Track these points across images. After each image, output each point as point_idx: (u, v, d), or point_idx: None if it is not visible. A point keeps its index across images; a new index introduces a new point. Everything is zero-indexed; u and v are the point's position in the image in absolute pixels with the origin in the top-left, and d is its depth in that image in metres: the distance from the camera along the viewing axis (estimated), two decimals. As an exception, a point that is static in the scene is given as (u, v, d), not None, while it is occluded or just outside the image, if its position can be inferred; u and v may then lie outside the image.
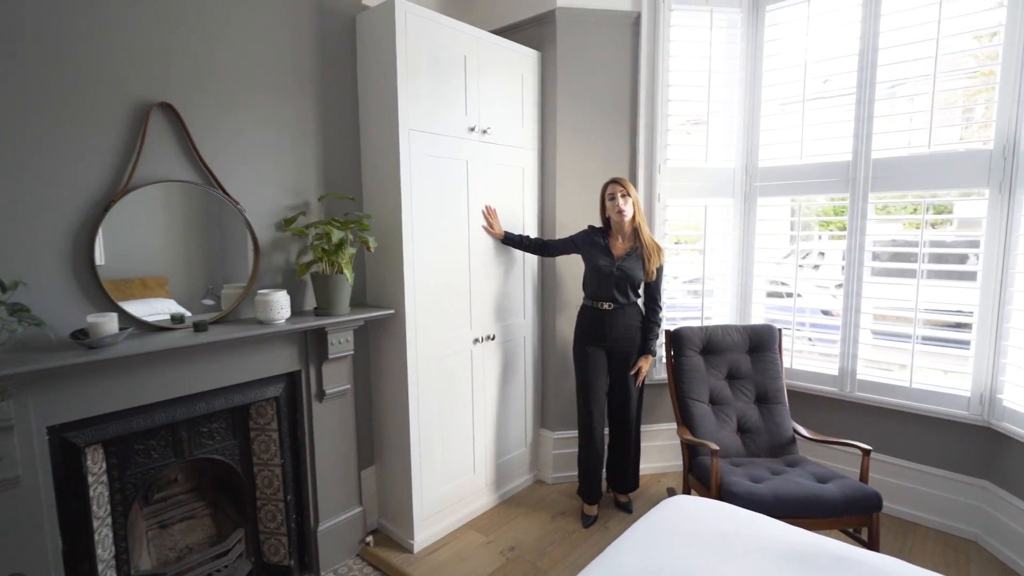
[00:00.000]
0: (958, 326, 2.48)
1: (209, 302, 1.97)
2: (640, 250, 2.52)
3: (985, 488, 2.43)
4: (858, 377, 2.69)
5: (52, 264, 1.62)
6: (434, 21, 2.28)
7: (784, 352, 2.76)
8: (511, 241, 2.65)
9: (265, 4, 2.04)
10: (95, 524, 1.73)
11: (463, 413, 2.59)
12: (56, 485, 1.62)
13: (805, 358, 2.90)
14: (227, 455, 2.12)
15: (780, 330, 2.69)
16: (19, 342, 1.54)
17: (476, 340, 2.61)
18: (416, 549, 2.40)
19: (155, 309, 1.83)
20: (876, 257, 2.71)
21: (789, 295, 2.88)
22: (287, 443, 2.19)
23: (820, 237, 2.99)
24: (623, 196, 2.49)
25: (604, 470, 2.77)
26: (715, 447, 2.12)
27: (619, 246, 2.56)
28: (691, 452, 2.46)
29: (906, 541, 2.47)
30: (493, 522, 2.65)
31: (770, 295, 3.03)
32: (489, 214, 2.58)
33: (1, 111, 1.50)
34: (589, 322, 2.59)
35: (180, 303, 1.89)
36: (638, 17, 2.79)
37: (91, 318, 1.57)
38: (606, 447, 2.74)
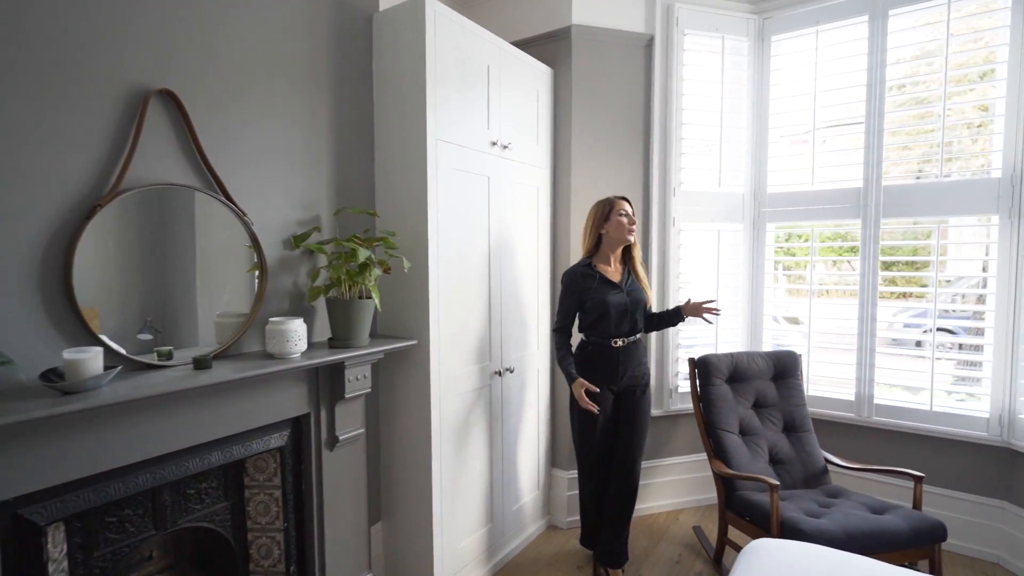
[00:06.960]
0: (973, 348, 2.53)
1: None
2: (633, 270, 2.32)
3: (1004, 509, 2.45)
4: (875, 402, 2.69)
5: (16, 284, 1.24)
6: (460, 25, 2.10)
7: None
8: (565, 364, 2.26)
9: (279, -10, 1.78)
10: (53, 629, 1.30)
11: (480, 457, 2.31)
12: (5, 581, 1.20)
13: (823, 384, 2.87)
14: (216, 521, 1.72)
15: (800, 356, 2.65)
16: (-34, 388, 1.15)
17: (496, 373, 2.36)
18: (437, 619, 2.07)
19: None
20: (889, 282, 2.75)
21: (799, 321, 2.86)
22: (291, 502, 1.82)
23: (836, 263, 3.01)
24: (633, 212, 2.28)
25: (593, 542, 2.39)
26: (775, 482, 1.98)
27: (613, 272, 2.29)
28: (727, 487, 2.32)
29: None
30: (514, 579, 2.36)
31: (785, 320, 3.01)
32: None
33: (-43, 83, 1.15)
34: (598, 361, 2.24)
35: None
36: (651, 40, 2.75)
37: (68, 354, 1.21)
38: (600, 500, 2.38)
